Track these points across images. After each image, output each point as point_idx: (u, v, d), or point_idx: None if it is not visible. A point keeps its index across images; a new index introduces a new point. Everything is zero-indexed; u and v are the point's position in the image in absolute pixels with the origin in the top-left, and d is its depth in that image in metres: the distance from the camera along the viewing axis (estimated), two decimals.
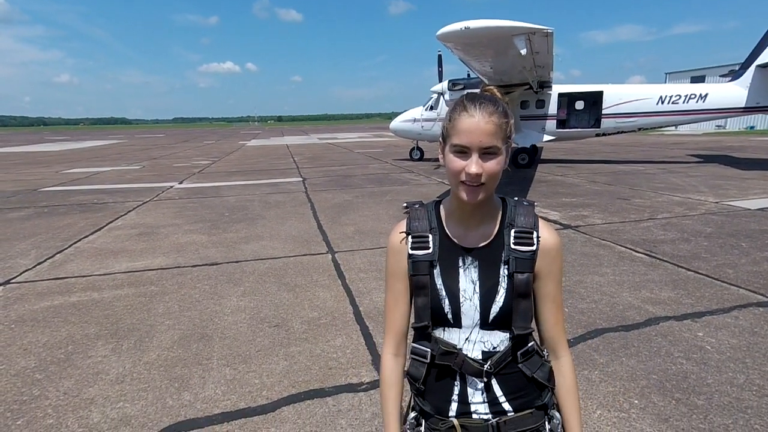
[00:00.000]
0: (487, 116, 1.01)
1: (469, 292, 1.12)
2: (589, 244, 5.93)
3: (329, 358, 3.27)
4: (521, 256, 1.10)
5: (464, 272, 1.13)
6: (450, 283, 1.13)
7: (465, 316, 1.12)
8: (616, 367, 3.03)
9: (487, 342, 1.12)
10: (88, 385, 2.99)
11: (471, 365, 1.11)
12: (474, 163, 1.02)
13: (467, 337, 1.13)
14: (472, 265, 1.13)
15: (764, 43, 14.06)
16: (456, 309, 1.12)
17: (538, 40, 9.99)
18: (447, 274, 1.13)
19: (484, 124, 1.01)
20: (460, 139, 1.02)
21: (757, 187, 9.88)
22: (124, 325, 3.89)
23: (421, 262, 1.14)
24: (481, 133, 1.01)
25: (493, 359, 1.11)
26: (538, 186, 11.03)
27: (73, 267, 5.52)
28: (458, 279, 1.13)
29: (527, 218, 1.14)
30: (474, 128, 1.01)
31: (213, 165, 18.62)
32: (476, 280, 1.12)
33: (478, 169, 1.01)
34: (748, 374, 2.88)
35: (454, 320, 1.13)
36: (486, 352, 1.12)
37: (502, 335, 1.13)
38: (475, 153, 1.02)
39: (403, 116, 18.23)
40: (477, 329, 1.12)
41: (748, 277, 4.57)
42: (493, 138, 1.01)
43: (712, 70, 34.46)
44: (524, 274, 1.10)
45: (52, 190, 12.08)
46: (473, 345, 1.13)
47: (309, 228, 7.26)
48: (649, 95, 15.05)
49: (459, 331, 1.13)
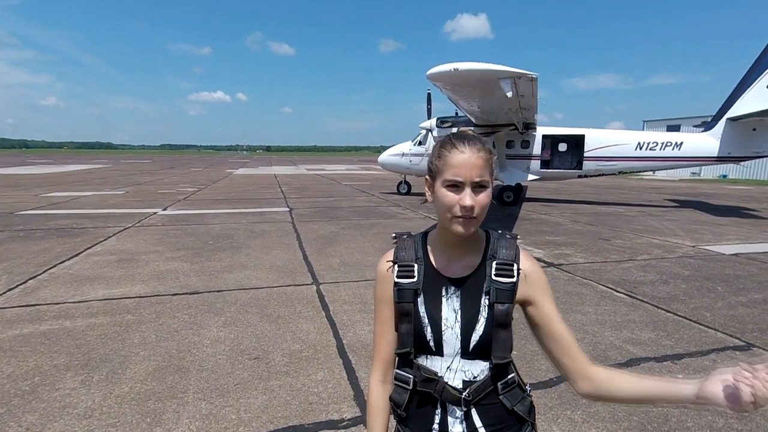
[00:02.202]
0: (476, 152, 1.08)
1: (450, 320, 1.15)
2: (571, 283, 6.00)
3: (310, 393, 3.19)
4: (501, 287, 1.14)
5: (447, 301, 1.16)
6: (433, 311, 1.16)
7: (446, 344, 1.14)
8: (598, 407, 3.02)
9: (467, 371, 1.14)
10: (53, 420, 2.83)
11: (451, 393, 1.13)
12: (468, 196, 1.07)
13: (449, 365, 1.15)
14: (455, 294, 1.16)
15: (734, 97, 14.94)
16: (438, 337, 1.14)
17: (523, 83, 10.45)
18: (430, 302, 1.16)
19: (475, 159, 1.07)
20: (454, 173, 1.08)
21: (730, 233, 10.22)
22: (97, 355, 3.74)
23: (406, 290, 1.17)
24: (472, 167, 1.07)
25: (472, 388, 1.13)
26: (522, 224, 11.21)
27: (45, 294, 5.33)
28: (441, 308, 1.16)
29: (509, 251, 1.18)
30: (466, 163, 1.07)
31: (199, 192, 18.50)
32: (458, 309, 1.15)
33: (472, 202, 1.06)
34: (727, 419, 2.89)
35: (436, 348, 1.15)
36: (466, 381, 1.14)
37: (482, 365, 1.15)
38: (468, 187, 1.07)
39: (392, 150, 18.55)
40: (458, 358, 1.15)
41: (724, 321, 4.66)
42: (483, 171, 1.08)
43: (686, 120, 36.18)
44: (504, 304, 1.13)
45: (29, 214, 11.79)
46: (454, 374, 1.15)
47: (294, 258, 7.21)
48: (628, 141, 15.69)
49: (441, 359, 1.16)
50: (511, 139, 16.09)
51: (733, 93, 15.02)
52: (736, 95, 14.89)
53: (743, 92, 14.70)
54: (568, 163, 16.42)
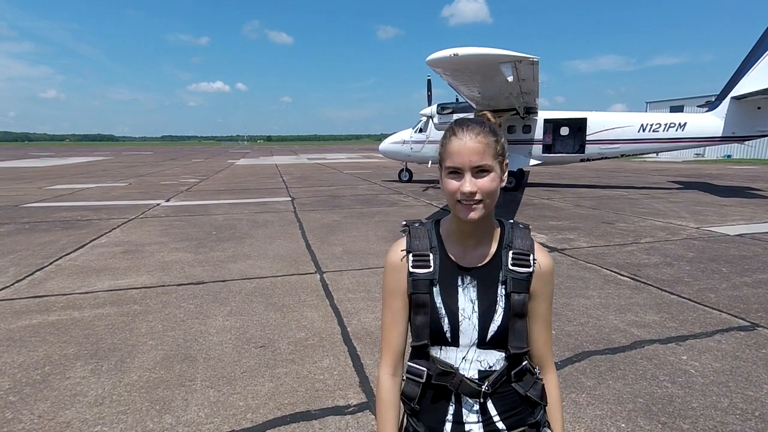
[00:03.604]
0: (474, 136, 1.06)
1: (468, 311, 1.14)
2: (575, 267, 6.00)
3: (316, 380, 3.22)
4: (518, 277, 1.13)
5: (463, 291, 1.15)
6: (449, 301, 1.14)
7: (463, 334, 1.13)
8: (603, 390, 3.04)
9: (483, 361, 1.14)
10: (65, 408, 2.88)
11: (468, 386, 1.12)
12: (467, 182, 1.06)
13: (464, 356, 1.14)
14: (471, 284, 1.15)
15: (738, 76, 14.72)
16: (455, 328, 1.13)
17: (524, 67, 10.32)
18: (446, 293, 1.15)
19: (472, 144, 1.06)
20: (452, 161, 1.07)
21: (735, 213, 10.17)
22: (105, 345, 3.79)
23: (422, 280, 1.15)
24: (469, 153, 1.05)
25: (491, 379, 1.12)
26: (525, 209, 11.19)
27: (53, 285, 5.38)
28: (457, 298, 1.14)
29: (524, 241, 1.18)
30: (462, 149, 1.06)
31: (201, 183, 18.50)
32: (475, 300, 1.14)
33: (471, 188, 1.05)
34: (732, 398, 2.91)
35: (452, 339, 1.14)
36: (482, 371, 1.13)
37: (498, 354, 1.14)
38: (467, 172, 1.06)
39: (393, 138, 18.47)
40: (474, 348, 1.14)
41: (729, 302, 4.67)
42: (482, 156, 1.06)
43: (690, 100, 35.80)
44: (521, 294, 1.13)
45: (34, 206, 11.84)
46: (470, 364, 1.14)
47: (297, 247, 7.23)
48: (631, 123, 15.54)
49: (456, 350, 1.14)
50: (512, 124, 15.95)
51: (737, 72, 14.81)
52: (739, 74, 14.68)
53: (747, 71, 14.48)
54: (570, 147, 16.31)
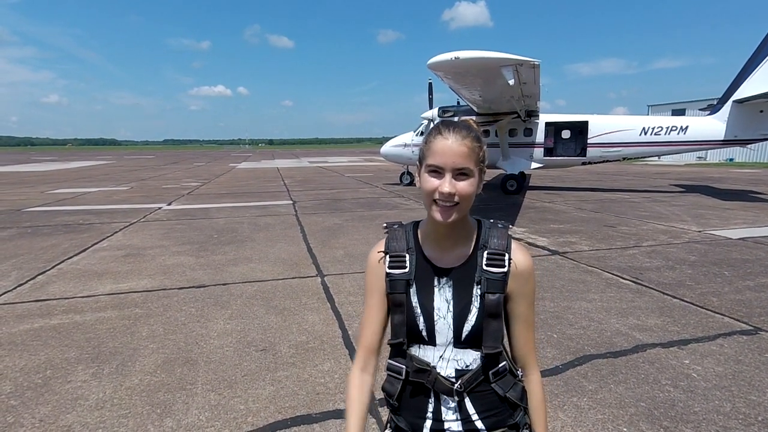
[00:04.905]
0: (460, 139, 1.07)
1: (443, 310, 1.15)
2: (576, 271, 5.99)
3: (317, 384, 3.22)
4: (492, 277, 1.14)
5: (439, 291, 1.17)
6: (425, 301, 1.16)
7: (439, 334, 1.15)
8: (605, 394, 3.03)
9: (460, 360, 1.15)
10: (66, 412, 2.88)
11: (443, 383, 1.14)
12: (447, 182, 1.06)
13: (441, 354, 1.16)
14: (447, 284, 1.17)
15: (740, 79, 14.72)
16: (431, 327, 1.15)
17: (525, 71, 10.34)
18: (423, 293, 1.17)
19: (457, 147, 1.06)
20: (435, 159, 1.08)
21: (737, 217, 10.14)
22: (106, 348, 3.79)
23: (398, 280, 1.18)
24: (453, 155, 1.06)
25: (464, 378, 1.14)
26: (526, 212, 11.17)
27: (55, 289, 5.39)
28: (433, 298, 1.16)
29: (500, 240, 1.18)
30: (448, 150, 1.06)
31: (203, 187, 18.54)
32: (450, 300, 1.15)
33: (451, 189, 1.06)
34: (734, 402, 2.90)
35: (428, 338, 1.16)
36: (459, 370, 1.15)
37: (474, 354, 1.15)
38: (448, 173, 1.07)
39: (394, 141, 18.48)
40: (450, 347, 1.15)
41: (731, 306, 4.65)
42: (465, 160, 1.07)
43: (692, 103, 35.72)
44: (495, 294, 1.13)
45: (36, 210, 11.88)
46: (447, 363, 1.15)
47: (298, 251, 7.23)
48: (632, 126, 15.53)
49: (434, 349, 1.16)
50: (513, 128, 15.96)
51: (739, 75, 14.80)
52: (742, 77, 14.67)
53: (749, 74, 14.48)
54: (571, 151, 16.29)
